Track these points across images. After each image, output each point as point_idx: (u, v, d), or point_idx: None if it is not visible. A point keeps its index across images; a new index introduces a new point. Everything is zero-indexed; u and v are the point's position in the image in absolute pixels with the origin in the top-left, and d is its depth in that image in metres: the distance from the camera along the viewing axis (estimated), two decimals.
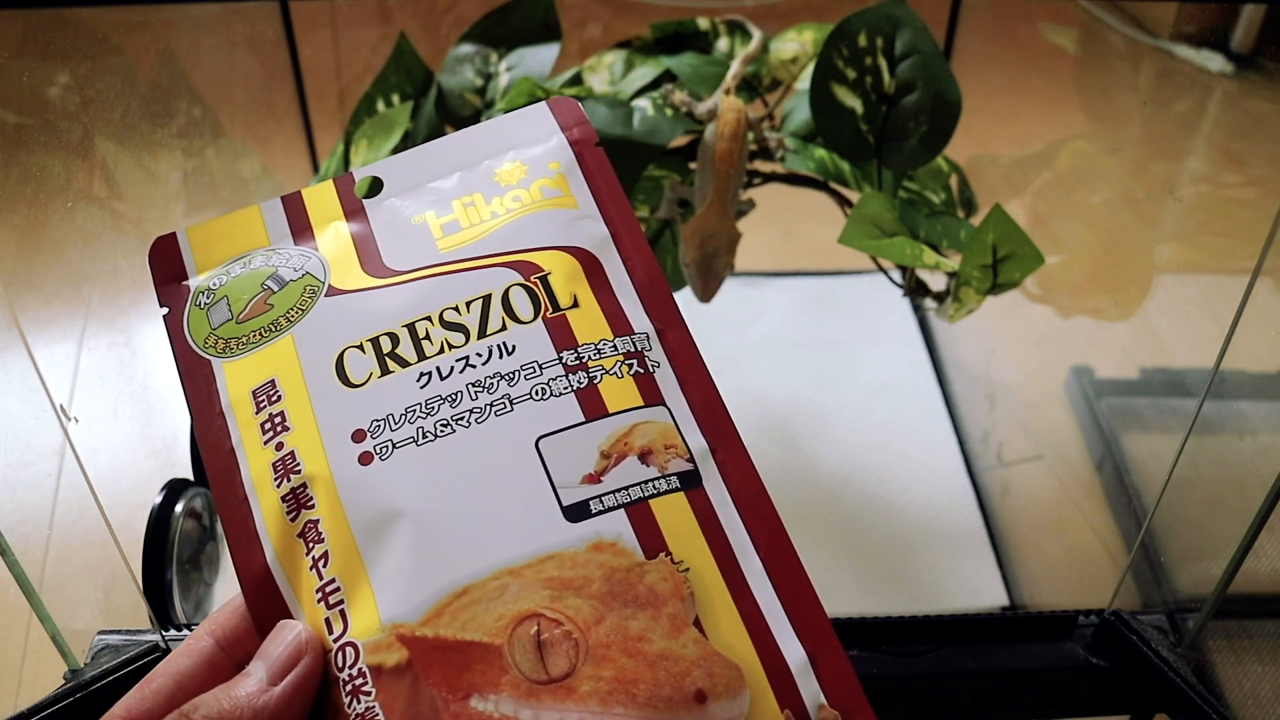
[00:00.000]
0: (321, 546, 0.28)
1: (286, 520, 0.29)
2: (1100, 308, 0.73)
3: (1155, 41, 0.74)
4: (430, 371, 0.30)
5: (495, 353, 0.30)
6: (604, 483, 0.28)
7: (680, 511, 0.28)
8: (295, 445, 0.29)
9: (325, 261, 0.32)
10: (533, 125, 0.34)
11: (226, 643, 0.28)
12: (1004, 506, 0.73)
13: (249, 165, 0.79)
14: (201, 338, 0.31)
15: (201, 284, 0.32)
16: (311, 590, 0.28)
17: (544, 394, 0.29)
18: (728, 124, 0.55)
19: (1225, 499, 0.52)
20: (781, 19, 0.67)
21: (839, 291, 0.91)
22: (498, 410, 0.29)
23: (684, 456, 0.29)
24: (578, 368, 0.30)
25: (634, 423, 0.29)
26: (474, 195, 0.33)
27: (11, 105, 0.54)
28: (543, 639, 0.26)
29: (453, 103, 0.63)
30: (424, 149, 0.34)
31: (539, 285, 0.31)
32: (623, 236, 0.32)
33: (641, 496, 0.28)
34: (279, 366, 0.30)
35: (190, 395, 0.31)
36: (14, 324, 0.42)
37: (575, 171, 0.33)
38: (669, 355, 0.31)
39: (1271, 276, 0.39)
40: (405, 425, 0.29)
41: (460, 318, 0.30)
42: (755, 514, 0.29)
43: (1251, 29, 0.69)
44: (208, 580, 0.58)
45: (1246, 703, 0.46)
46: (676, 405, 0.30)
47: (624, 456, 0.29)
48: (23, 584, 0.40)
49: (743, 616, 0.27)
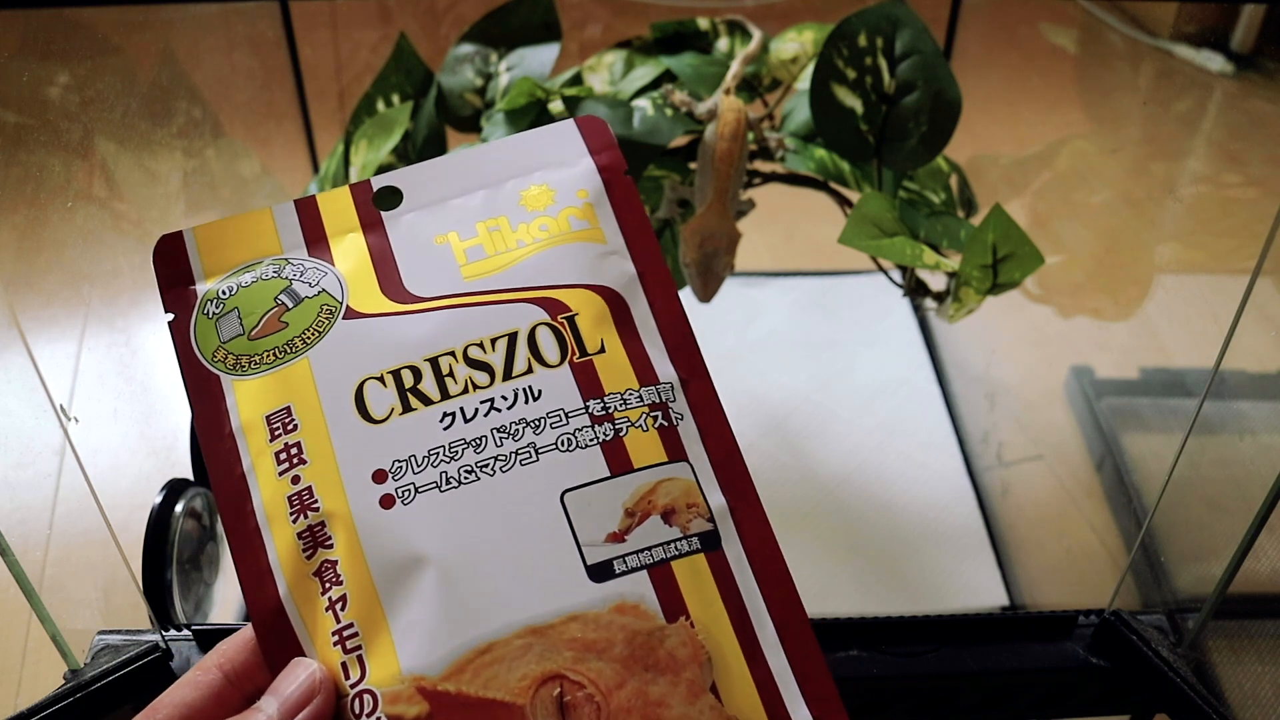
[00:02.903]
0: (340, 589, 0.28)
1: (302, 557, 0.28)
2: (1100, 308, 0.73)
3: (1155, 41, 0.74)
4: (454, 412, 0.29)
5: (521, 397, 0.29)
6: (627, 542, 0.28)
7: (700, 574, 0.28)
8: (313, 480, 0.29)
9: (342, 279, 0.31)
10: (560, 145, 0.33)
11: (235, 676, 0.28)
12: (1004, 506, 0.73)
13: (249, 165, 0.79)
14: (210, 350, 0.30)
15: (210, 291, 0.31)
16: (327, 632, 0.28)
17: (570, 445, 0.29)
18: (728, 124, 0.55)
19: (1225, 499, 0.52)
20: (781, 19, 0.67)
21: (839, 291, 0.91)
22: (523, 460, 0.29)
23: (704, 516, 0.29)
24: (604, 419, 0.29)
25: (657, 480, 0.29)
26: (499, 219, 0.32)
27: (11, 105, 0.54)
28: (565, 701, 0.26)
29: (453, 103, 0.63)
30: (446, 161, 0.33)
31: (566, 327, 0.30)
32: (649, 276, 0.32)
33: (664, 558, 0.28)
34: (295, 392, 0.30)
35: (197, 410, 0.30)
36: (14, 324, 0.42)
37: (604, 202, 0.33)
38: (691, 406, 0.30)
39: (1271, 276, 0.38)
40: (428, 469, 0.28)
41: (485, 356, 0.30)
42: (770, 576, 0.29)
43: (1251, 29, 0.69)
44: (208, 580, 0.58)
45: (1246, 703, 0.46)
46: (698, 461, 0.30)
47: (648, 515, 0.28)
48: (23, 584, 0.40)
49: (755, 682, 0.27)
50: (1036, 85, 0.87)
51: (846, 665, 0.43)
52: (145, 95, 0.66)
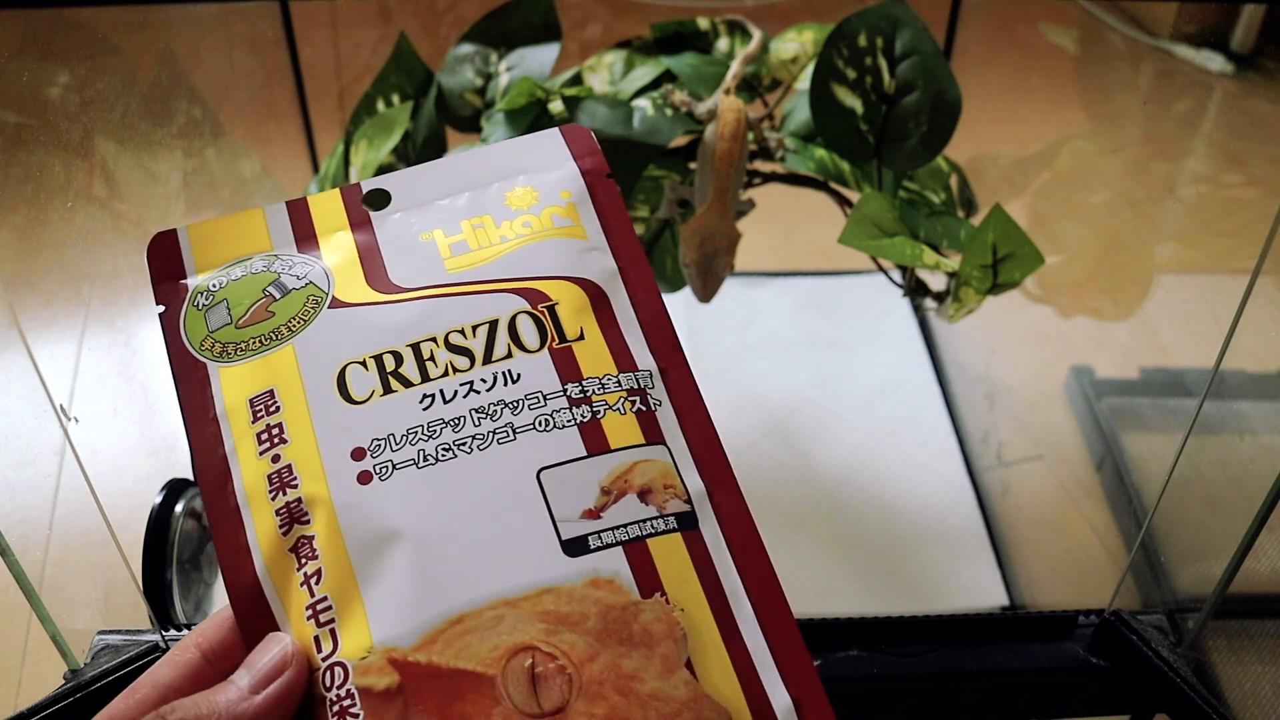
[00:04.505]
0: (315, 563, 0.28)
1: (279, 534, 0.28)
2: (1100, 308, 0.73)
3: (1155, 41, 0.74)
4: (434, 394, 0.30)
5: (500, 380, 0.30)
6: (603, 519, 0.28)
7: (677, 552, 0.28)
8: (292, 459, 0.29)
9: (329, 272, 0.32)
10: (545, 151, 0.34)
11: (213, 655, 0.28)
12: (1004, 506, 0.73)
13: (249, 165, 0.79)
14: (198, 340, 0.31)
15: (200, 284, 0.32)
16: (302, 606, 0.28)
17: (547, 425, 0.29)
18: (728, 124, 0.55)
19: (1225, 499, 0.52)
20: (781, 19, 0.67)
21: (839, 291, 0.91)
22: (500, 438, 0.29)
23: (682, 497, 0.29)
24: (582, 401, 0.30)
25: (634, 460, 0.29)
26: (484, 217, 0.33)
27: (11, 105, 0.54)
28: (537, 672, 0.26)
29: (453, 103, 0.63)
30: (434, 166, 0.34)
31: (546, 315, 0.31)
32: (630, 272, 0.33)
33: (640, 535, 0.28)
34: (278, 376, 0.30)
35: (183, 397, 0.30)
36: (14, 324, 0.42)
37: (586, 202, 0.34)
38: (670, 394, 0.31)
39: (1271, 276, 0.39)
40: (406, 446, 0.29)
41: (466, 341, 0.30)
42: (748, 558, 0.29)
43: (1251, 29, 0.69)
44: (208, 580, 0.58)
45: (1246, 703, 0.46)
46: (676, 445, 0.30)
47: (624, 494, 0.29)
48: (23, 584, 0.40)
49: (732, 660, 0.27)
50: (1036, 85, 0.87)
51: (846, 665, 0.43)
52: (145, 95, 0.66)
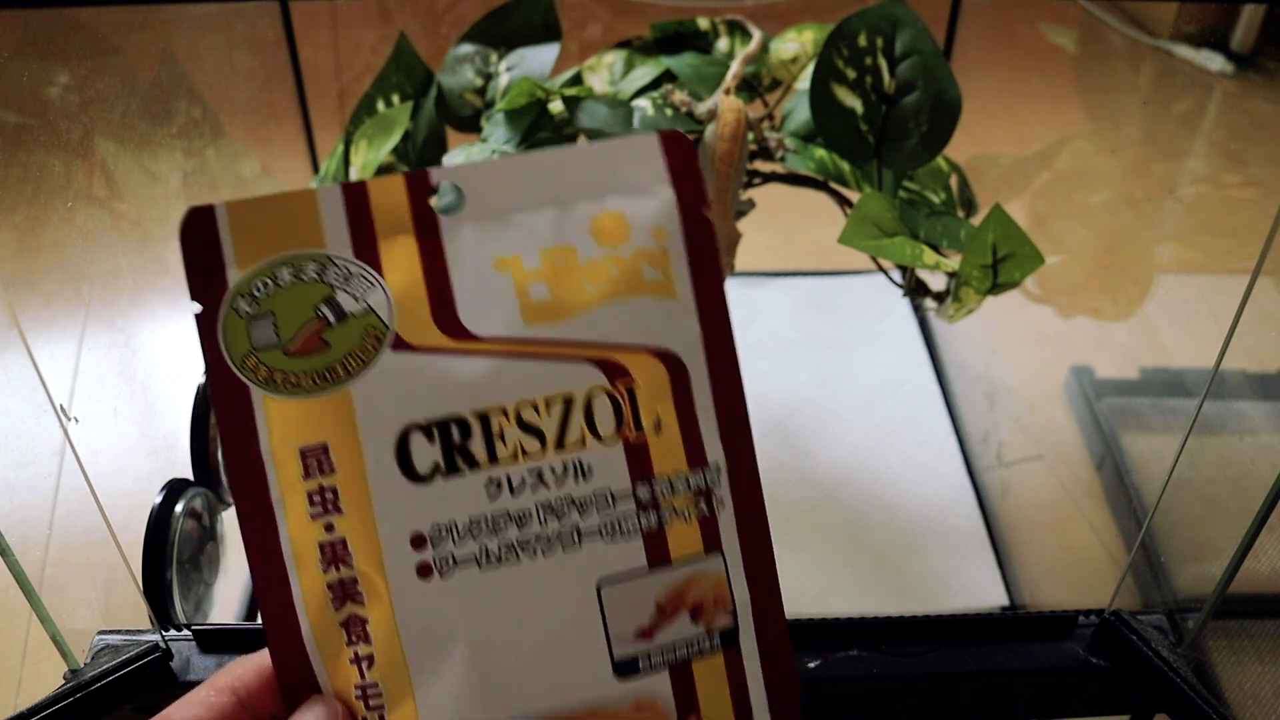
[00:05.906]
0: (367, 647, 0.28)
1: (330, 606, 0.28)
2: (1100, 308, 0.73)
3: (1155, 41, 0.74)
4: (501, 480, 0.28)
5: (571, 472, 0.28)
6: (655, 640, 0.28)
7: (716, 674, 0.29)
8: (347, 533, 0.28)
9: (391, 298, 0.28)
10: (639, 163, 0.30)
11: (249, 701, 0.28)
12: (1004, 506, 0.73)
13: (249, 165, 0.79)
14: (239, 355, 0.28)
15: (242, 284, 0.28)
16: (350, 684, 0.28)
17: (613, 532, 0.29)
18: (728, 124, 0.55)
19: (1225, 499, 0.52)
20: (781, 19, 0.67)
21: (839, 291, 0.91)
22: (565, 544, 0.28)
23: (728, 609, 0.29)
24: (650, 506, 0.29)
25: (691, 576, 0.29)
26: (567, 249, 0.30)
27: (11, 105, 0.54)
28: None
29: (453, 103, 0.63)
30: (514, 163, 0.30)
31: (625, 397, 0.29)
32: (713, 342, 0.30)
33: (687, 657, 0.29)
34: (334, 429, 0.28)
35: (221, 417, 0.28)
36: (14, 324, 0.42)
37: (679, 245, 0.30)
38: (733, 492, 0.30)
39: (1271, 276, 0.38)
40: (469, 540, 0.28)
41: (538, 420, 0.28)
42: (778, 675, 0.30)
43: (1251, 29, 0.69)
44: (208, 580, 0.58)
45: (1246, 703, 0.46)
46: (731, 552, 0.30)
47: (677, 611, 0.29)
48: (23, 584, 0.40)
49: None
50: (1036, 85, 0.87)
51: (846, 665, 0.43)
52: (145, 95, 0.66)
